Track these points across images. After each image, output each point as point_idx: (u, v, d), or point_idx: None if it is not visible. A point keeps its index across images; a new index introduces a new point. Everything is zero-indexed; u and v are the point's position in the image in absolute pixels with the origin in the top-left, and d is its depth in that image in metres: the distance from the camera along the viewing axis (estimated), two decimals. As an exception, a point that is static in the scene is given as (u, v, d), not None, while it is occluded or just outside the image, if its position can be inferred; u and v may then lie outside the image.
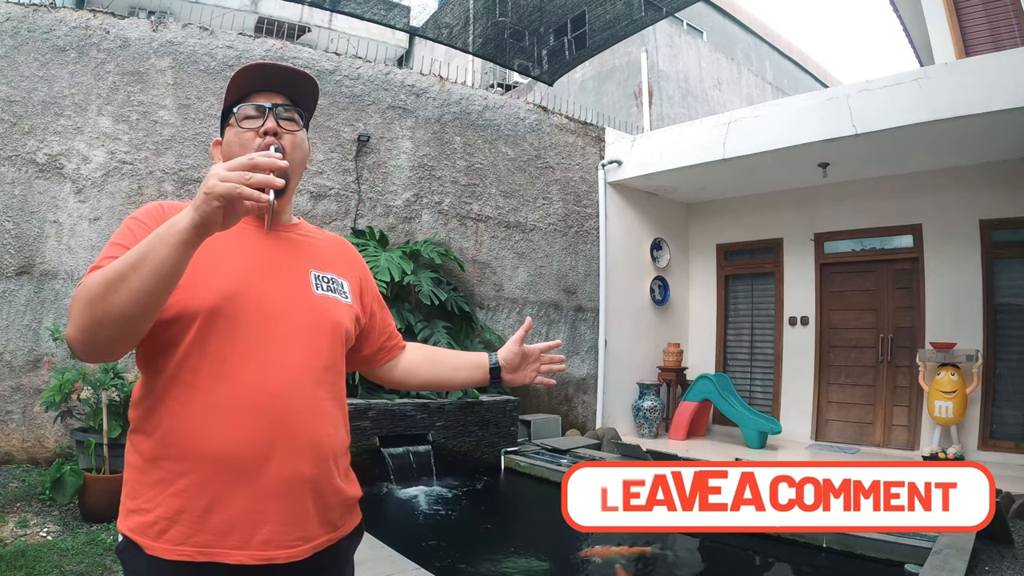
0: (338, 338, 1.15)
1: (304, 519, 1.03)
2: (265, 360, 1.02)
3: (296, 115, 1.17)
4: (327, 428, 1.09)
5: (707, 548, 4.06)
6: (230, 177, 0.86)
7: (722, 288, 7.92)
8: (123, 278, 0.86)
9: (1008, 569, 3.30)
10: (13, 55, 4.61)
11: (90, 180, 4.75)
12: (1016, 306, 5.78)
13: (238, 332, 1.02)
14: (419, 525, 4.27)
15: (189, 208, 0.87)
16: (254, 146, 1.11)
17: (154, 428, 1.01)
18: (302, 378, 1.06)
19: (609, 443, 6.14)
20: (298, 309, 1.09)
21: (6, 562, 2.87)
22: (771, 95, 13.23)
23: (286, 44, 5.68)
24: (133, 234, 1.02)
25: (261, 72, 1.15)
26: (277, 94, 1.16)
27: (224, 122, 1.20)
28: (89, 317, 0.88)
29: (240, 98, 1.16)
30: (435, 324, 5.72)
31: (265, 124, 1.13)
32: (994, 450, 5.63)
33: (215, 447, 0.97)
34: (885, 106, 5.06)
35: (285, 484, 1.00)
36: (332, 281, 1.18)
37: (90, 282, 0.89)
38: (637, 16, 6.04)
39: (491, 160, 6.67)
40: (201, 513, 0.96)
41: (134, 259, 0.87)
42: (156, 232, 0.88)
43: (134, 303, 0.87)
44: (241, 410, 0.99)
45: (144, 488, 1.00)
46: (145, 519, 0.98)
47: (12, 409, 4.43)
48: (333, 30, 12.17)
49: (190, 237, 0.87)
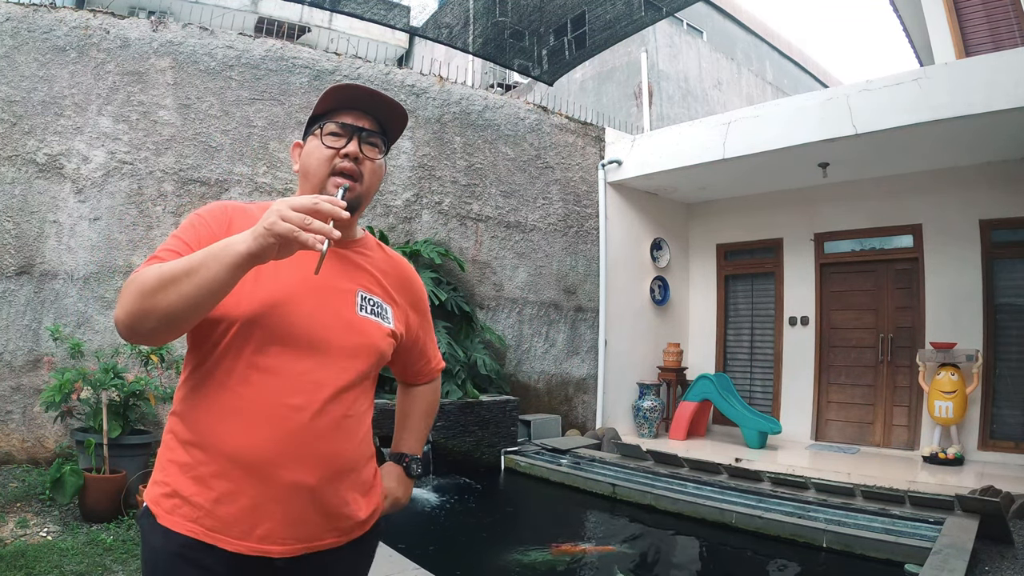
0: (371, 359, 1.18)
1: (303, 523, 1.08)
2: (292, 373, 1.07)
3: (380, 141, 1.21)
4: (340, 444, 1.13)
5: (680, 546, 4.07)
6: (291, 218, 0.89)
7: (722, 288, 7.92)
8: (175, 281, 0.93)
9: (1008, 569, 3.30)
10: (13, 55, 4.61)
11: (90, 180, 4.75)
12: (1016, 306, 5.78)
13: (272, 343, 1.07)
14: (419, 525, 4.27)
15: (248, 234, 0.92)
16: (331, 166, 1.15)
17: (186, 415, 1.09)
18: (324, 395, 1.09)
19: (609, 443, 6.14)
20: (336, 328, 1.13)
21: (6, 562, 2.87)
22: (771, 95, 13.23)
23: (286, 44, 5.68)
24: (196, 231, 1.09)
25: (358, 92, 1.18)
26: (367, 117, 1.19)
27: (309, 128, 1.22)
28: (138, 307, 0.95)
29: (330, 110, 1.19)
30: (435, 324, 5.72)
31: (348, 146, 1.16)
32: (994, 450, 5.62)
33: (232, 447, 1.04)
34: (885, 106, 5.06)
35: (289, 490, 1.06)
36: (377, 305, 1.22)
37: (146, 274, 0.96)
38: (637, 16, 6.04)
39: (491, 160, 6.67)
40: (212, 501, 1.04)
41: (189, 267, 0.93)
42: (214, 247, 0.94)
43: (179, 306, 0.94)
44: (260, 418, 1.05)
45: (170, 465, 1.09)
46: (164, 491, 1.07)
47: (12, 409, 4.42)
48: (333, 30, 12.17)
49: (243, 262, 0.92)
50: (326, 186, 1.15)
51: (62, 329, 4.30)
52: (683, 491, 4.64)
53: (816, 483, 4.52)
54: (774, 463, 5.51)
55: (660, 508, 4.48)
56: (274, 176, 5.45)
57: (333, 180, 1.15)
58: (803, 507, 4.18)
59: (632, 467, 5.25)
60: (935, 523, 3.72)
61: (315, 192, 1.15)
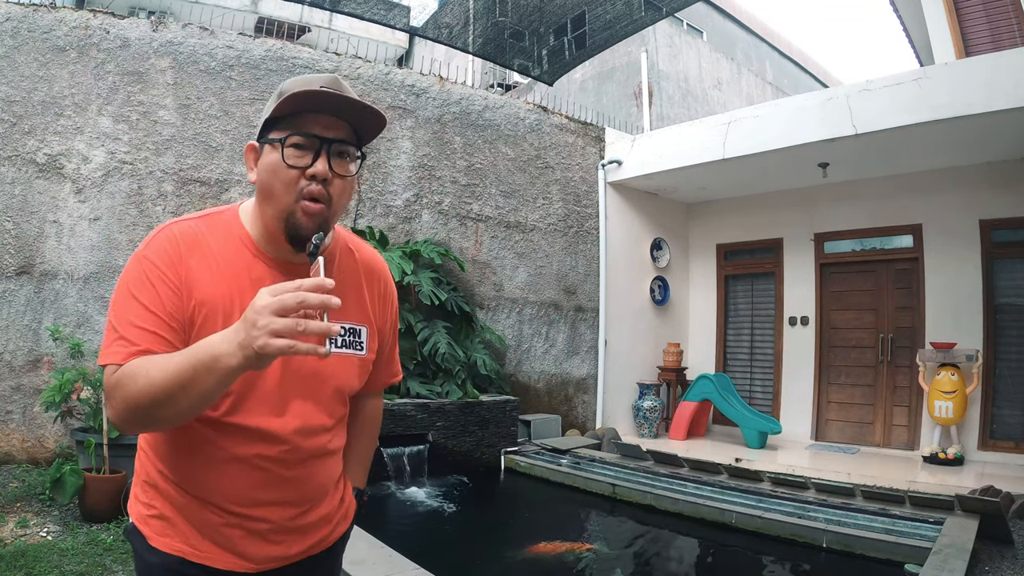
0: (344, 397, 1.18)
1: (290, 544, 1.12)
2: (272, 426, 1.06)
3: (351, 151, 1.04)
4: (323, 478, 1.16)
5: (680, 546, 4.06)
6: (283, 331, 0.79)
7: (722, 288, 7.92)
8: (170, 397, 0.88)
9: (1008, 569, 3.30)
10: (13, 55, 4.61)
11: (90, 180, 4.75)
12: (1016, 306, 5.78)
13: (245, 399, 1.04)
14: (419, 525, 4.27)
15: (238, 348, 0.82)
16: (296, 190, 1.00)
17: (164, 458, 1.09)
18: (306, 441, 1.10)
19: (609, 443, 6.14)
20: (307, 373, 1.09)
21: (6, 562, 2.87)
22: (771, 95, 13.23)
23: (286, 44, 5.68)
24: (156, 291, 0.98)
25: (327, 98, 0.99)
26: (338, 121, 1.02)
27: (266, 131, 1.03)
28: (134, 418, 0.93)
29: (296, 112, 1.00)
30: (435, 324, 5.72)
31: (315, 166, 0.99)
32: (994, 450, 5.62)
33: (213, 494, 1.06)
34: (885, 106, 5.06)
35: (275, 527, 1.10)
36: (350, 332, 1.15)
37: (132, 387, 0.90)
38: (637, 16, 6.04)
39: (491, 160, 6.67)
40: (200, 527, 1.07)
41: (179, 381, 0.87)
42: (199, 359, 0.86)
43: (181, 416, 0.93)
44: (241, 468, 1.05)
45: (150, 488, 1.10)
46: (151, 512, 1.09)
47: (12, 409, 4.42)
48: (333, 30, 12.17)
49: (236, 375, 0.87)
50: (294, 213, 1.00)
51: (62, 329, 4.30)
52: (683, 491, 4.64)
53: (816, 483, 4.52)
54: (774, 463, 5.51)
55: (660, 508, 4.48)
56: (274, 176, 5.44)
57: (303, 206, 1.00)
58: (803, 507, 4.18)
59: (632, 467, 5.25)
60: (935, 523, 3.72)
61: (278, 218, 1.02)
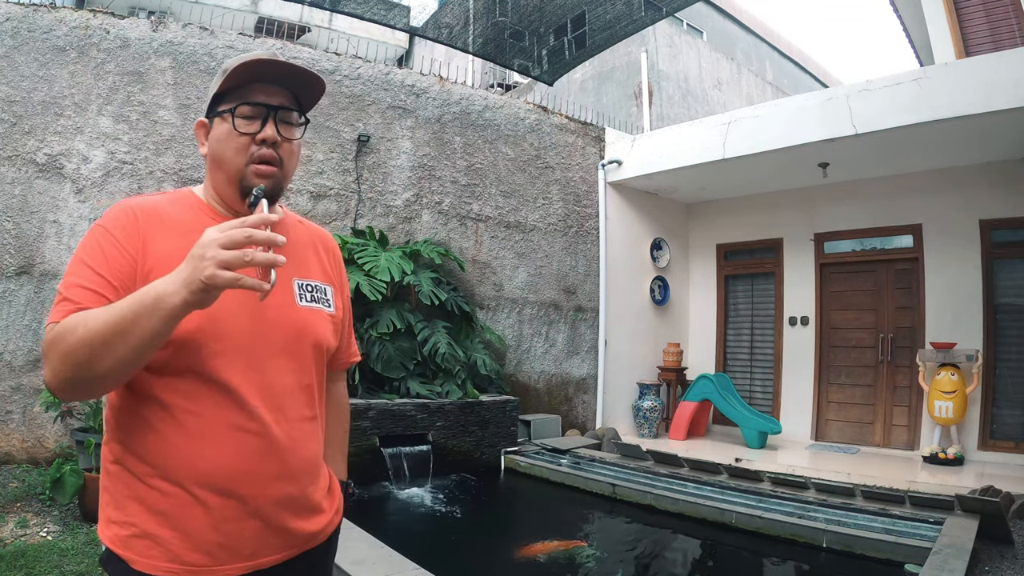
0: (321, 354, 1.13)
1: (288, 532, 1.05)
2: (252, 384, 1.00)
3: (296, 116, 1.11)
4: (312, 447, 1.10)
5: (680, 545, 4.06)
6: (231, 263, 0.80)
7: (722, 288, 7.92)
8: (107, 344, 0.83)
9: (1008, 569, 3.30)
10: (13, 55, 4.61)
11: (90, 180, 4.75)
12: (1016, 306, 5.78)
13: (222, 355, 0.98)
14: (419, 525, 4.27)
15: (181, 286, 0.82)
16: (248, 154, 1.06)
17: (140, 447, 0.98)
18: (290, 401, 1.05)
19: (609, 443, 6.14)
20: (283, 326, 1.06)
21: (6, 562, 2.87)
22: (771, 95, 13.23)
23: (286, 44, 5.68)
24: (104, 255, 0.96)
25: (269, 65, 1.07)
26: (280, 90, 1.09)
27: (214, 107, 1.09)
28: (73, 375, 0.85)
29: (240, 85, 1.07)
30: (435, 324, 5.72)
31: (264, 131, 1.06)
32: (994, 450, 5.62)
33: (203, 473, 0.96)
34: (885, 106, 5.06)
35: (272, 505, 1.02)
36: (316, 289, 1.14)
37: (70, 337, 0.84)
38: (637, 16, 6.04)
39: (491, 160, 6.67)
40: (188, 532, 0.96)
41: (118, 325, 0.83)
42: (142, 298, 0.83)
43: (120, 368, 0.85)
44: (227, 439, 0.97)
45: (129, 502, 0.98)
46: (130, 532, 0.97)
47: (12, 409, 4.42)
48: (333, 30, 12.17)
49: (180, 314, 0.83)
50: (245, 176, 1.05)
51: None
52: (683, 491, 4.64)
53: (816, 483, 4.52)
54: (774, 463, 5.51)
55: (660, 508, 4.48)
56: (274, 176, 5.45)
57: (254, 169, 1.05)
58: (803, 507, 4.18)
59: (632, 467, 5.25)
60: (935, 523, 3.72)
61: (231, 182, 1.07)
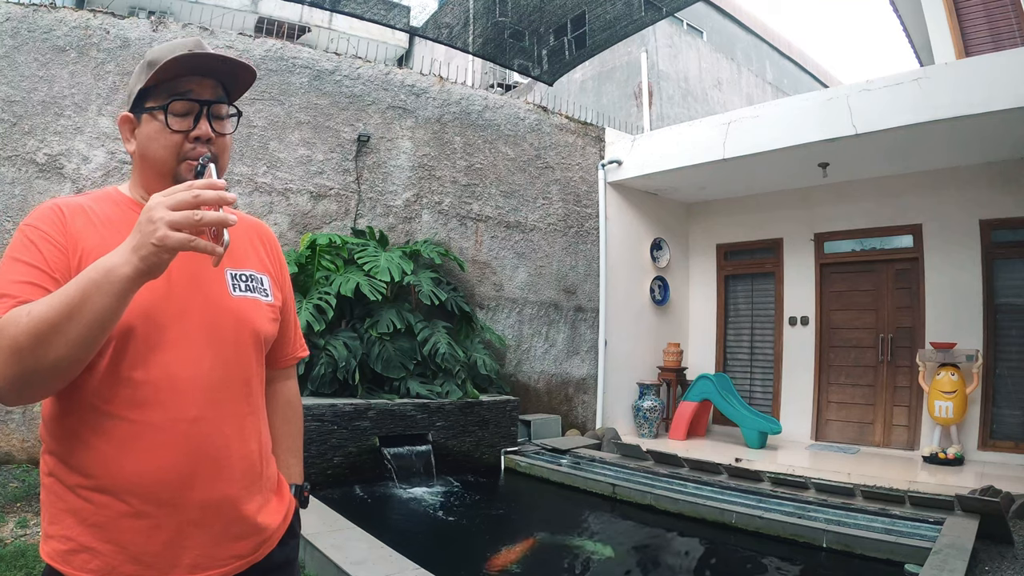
0: (258, 345, 1.09)
1: (232, 540, 1.01)
2: (182, 382, 0.96)
3: (227, 110, 1.07)
4: (250, 446, 1.05)
5: (680, 545, 4.06)
6: (181, 223, 0.78)
7: (722, 288, 7.92)
8: (57, 329, 0.78)
9: (1008, 569, 3.30)
10: (13, 55, 4.61)
11: (90, 180, 4.75)
12: (1016, 306, 5.78)
13: (153, 353, 0.95)
14: (419, 525, 4.27)
15: (130, 253, 0.79)
16: (180, 153, 1.02)
17: (70, 455, 0.94)
18: (223, 396, 1.01)
19: (609, 443, 6.14)
20: (216, 319, 1.02)
21: (6, 562, 2.87)
22: (771, 95, 13.23)
23: (286, 44, 5.68)
24: (38, 249, 0.92)
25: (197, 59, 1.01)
26: (210, 82, 1.04)
27: (140, 101, 1.03)
28: (20, 369, 0.80)
29: (169, 78, 1.01)
30: (435, 324, 5.72)
31: (198, 128, 1.01)
32: (994, 450, 5.62)
33: (135, 479, 0.92)
34: (885, 106, 5.06)
35: (211, 509, 0.98)
36: (251, 279, 1.11)
37: (14, 329, 0.79)
38: (637, 16, 6.04)
39: (491, 160, 6.67)
40: (124, 544, 0.92)
41: (67, 307, 0.79)
42: (90, 276, 0.80)
43: (70, 354, 0.80)
44: (160, 439, 0.94)
45: (64, 515, 0.94)
46: (67, 547, 0.93)
47: (12, 409, 4.42)
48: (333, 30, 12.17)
49: (132, 286, 0.80)
50: (179, 174, 1.01)
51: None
52: (683, 491, 4.64)
53: (816, 483, 4.52)
54: (774, 463, 5.51)
55: (660, 508, 4.48)
56: (274, 176, 5.45)
57: (188, 165, 1.01)
58: (803, 507, 4.18)
59: (632, 467, 5.25)
60: (935, 523, 3.72)
61: (164, 179, 1.02)
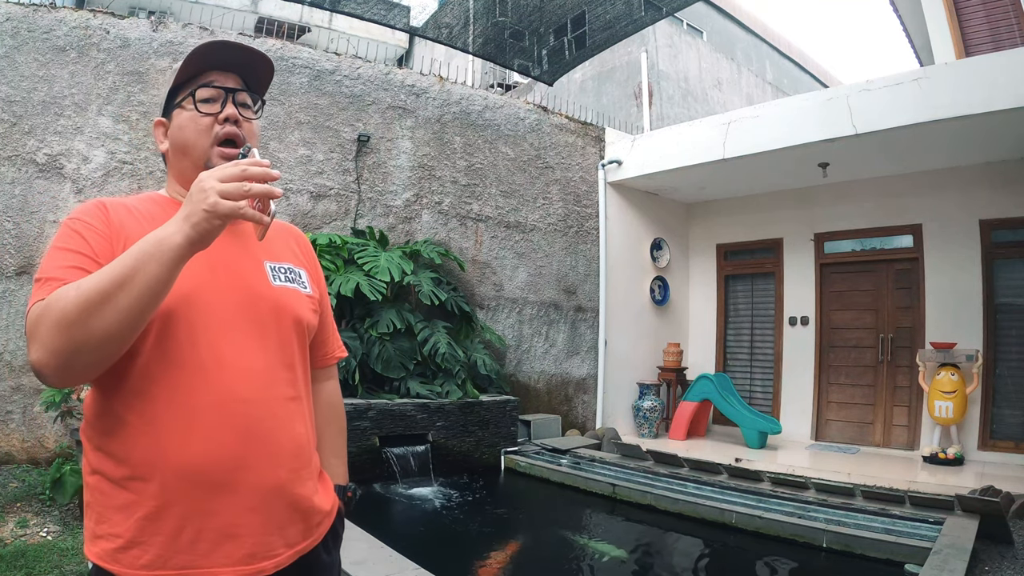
0: (301, 332, 1.10)
1: (284, 526, 1.00)
2: (230, 365, 0.97)
3: (251, 100, 1.13)
4: (298, 428, 1.05)
5: (680, 545, 4.06)
6: (231, 193, 0.82)
7: (722, 288, 7.92)
8: (108, 298, 0.79)
9: (1008, 569, 3.30)
10: (13, 55, 4.61)
11: (90, 180, 4.75)
12: (1016, 306, 5.78)
13: (198, 337, 0.95)
14: (419, 525, 4.27)
15: (182, 222, 0.82)
16: (212, 134, 1.07)
17: (118, 448, 0.94)
18: (269, 379, 1.01)
19: (609, 443, 6.14)
20: (258, 305, 1.04)
21: (6, 562, 2.87)
22: (771, 95, 13.23)
23: (286, 44, 5.68)
24: (82, 237, 0.95)
25: (218, 51, 1.09)
26: (233, 75, 1.11)
27: (171, 102, 1.12)
28: (66, 341, 0.80)
29: (194, 76, 1.10)
30: (435, 324, 5.72)
31: (225, 110, 1.08)
32: (994, 450, 5.62)
33: (185, 463, 0.92)
34: (885, 106, 5.06)
35: (262, 494, 0.97)
36: (289, 271, 1.14)
37: (61, 302, 0.80)
38: (637, 16, 6.04)
39: (491, 160, 6.67)
40: (176, 534, 0.91)
41: (120, 276, 0.80)
42: (141, 248, 0.82)
43: (122, 324, 0.81)
44: (209, 421, 0.93)
45: (111, 512, 0.93)
46: (115, 545, 0.92)
47: (12, 409, 4.42)
48: (333, 30, 12.18)
49: (185, 254, 0.82)
50: (211, 158, 1.06)
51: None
52: (683, 491, 4.64)
53: (816, 483, 4.52)
54: (774, 463, 5.51)
55: (660, 508, 4.48)
56: (274, 176, 5.44)
57: (219, 151, 1.07)
58: (803, 507, 4.18)
59: (632, 467, 5.25)
60: (935, 523, 3.72)
61: (198, 167, 1.06)
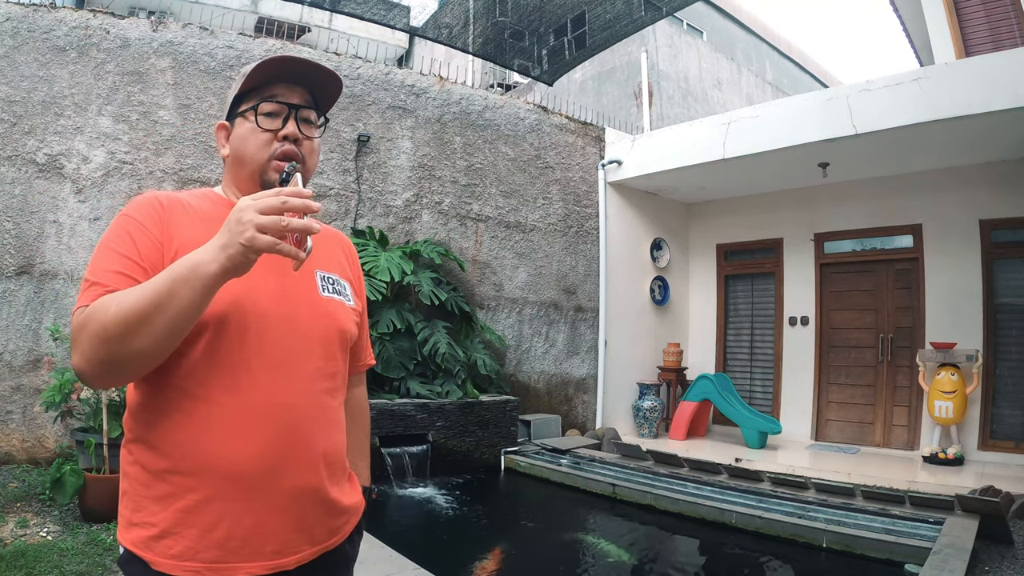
0: (344, 342, 1.14)
1: (312, 526, 1.04)
2: (276, 370, 1.00)
3: (315, 116, 1.14)
4: (336, 436, 1.09)
5: (680, 545, 4.06)
6: (268, 227, 0.81)
7: (722, 288, 7.92)
8: (145, 320, 0.82)
9: (1008, 569, 3.30)
10: (13, 55, 4.61)
11: (90, 180, 4.75)
12: (1016, 306, 5.78)
13: (247, 341, 0.98)
14: (419, 525, 4.27)
15: (217, 250, 0.82)
16: (271, 150, 1.08)
17: (161, 441, 0.97)
18: (313, 387, 1.04)
19: (609, 443, 6.14)
20: (307, 314, 1.07)
21: (6, 562, 2.87)
22: (771, 95, 13.23)
23: (286, 44, 5.68)
24: (133, 240, 0.97)
25: (287, 65, 1.10)
26: (299, 89, 1.12)
27: (235, 108, 1.13)
28: (105, 355, 0.84)
29: (260, 85, 1.10)
30: (435, 324, 5.72)
31: (286, 128, 1.09)
32: (994, 450, 5.62)
33: (226, 461, 0.95)
34: (885, 106, 5.06)
35: (295, 496, 1.00)
36: (336, 283, 1.17)
37: (103, 315, 0.84)
38: (637, 16, 6.04)
39: (491, 160, 6.67)
40: (209, 528, 0.95)
41: (155, 299, 0.82)
42: (178, 270, 0.83)
43: (156, 344, 0.85)
44: (252, 423, 0.97)
45: (148, 502, 0.97)
46: (150, 533, 0.96)
47: (12, 409, 4.42)
48: (333, 30, 12.17)
49: (218, 283, 0.84)
50: (267, 171, 1.09)
51: (62, 329, 4.30)
52: (683, 491, 4.64)
53: (816, 483, 4.52)
54: (774, 463, 5.51)
55: (660, 508, 4.48)
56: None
57: (275, 164, 1.08)
58: (803, 507, 4.18)
59: (632, 467, 5.25)
60: (935, 523, 3.72)
61: (253, 178, 1.10)
